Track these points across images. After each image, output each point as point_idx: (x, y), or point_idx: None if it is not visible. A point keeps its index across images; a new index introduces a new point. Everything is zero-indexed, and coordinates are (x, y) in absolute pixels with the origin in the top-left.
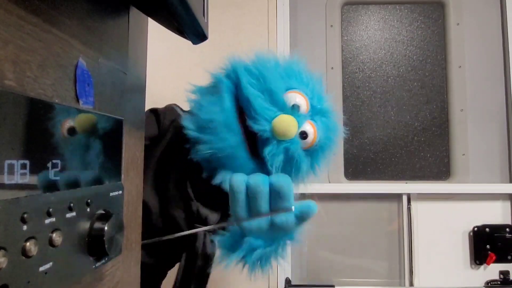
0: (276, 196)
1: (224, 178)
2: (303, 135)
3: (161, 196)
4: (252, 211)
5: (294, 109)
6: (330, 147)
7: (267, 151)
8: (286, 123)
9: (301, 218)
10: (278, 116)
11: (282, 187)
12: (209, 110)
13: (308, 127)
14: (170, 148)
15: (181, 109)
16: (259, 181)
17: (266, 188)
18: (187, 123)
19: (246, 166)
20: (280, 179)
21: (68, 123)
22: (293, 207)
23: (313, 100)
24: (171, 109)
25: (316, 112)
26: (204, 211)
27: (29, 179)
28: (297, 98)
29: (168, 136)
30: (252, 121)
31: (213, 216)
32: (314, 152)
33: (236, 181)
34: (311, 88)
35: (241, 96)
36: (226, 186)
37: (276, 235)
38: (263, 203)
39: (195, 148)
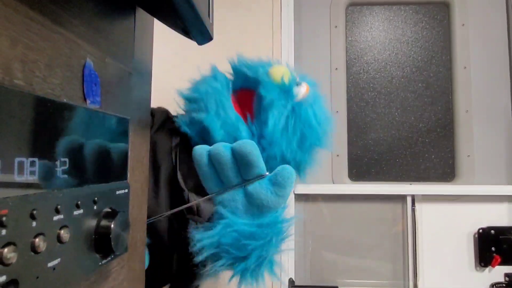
0: (243, 164)
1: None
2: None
3: (154, 194)
4: (224, 182)
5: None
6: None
7: (274, 112)
8: (279, 68)
9: (276, 183)
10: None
11: (245, 152)
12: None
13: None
14: (160, 145)
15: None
16: (219, 147)
17: (227, 154)
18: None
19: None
20: (242, 144)
21: (76, 122)
22: (266, 173)
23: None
24: (161, 112)
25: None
26: (196, 199)
27: (38, 176)
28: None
29: (159, 136)
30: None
31: (207, 205)
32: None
33: (197, 150)
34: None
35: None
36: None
37: (261, 232)
38: (229, 171)
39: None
